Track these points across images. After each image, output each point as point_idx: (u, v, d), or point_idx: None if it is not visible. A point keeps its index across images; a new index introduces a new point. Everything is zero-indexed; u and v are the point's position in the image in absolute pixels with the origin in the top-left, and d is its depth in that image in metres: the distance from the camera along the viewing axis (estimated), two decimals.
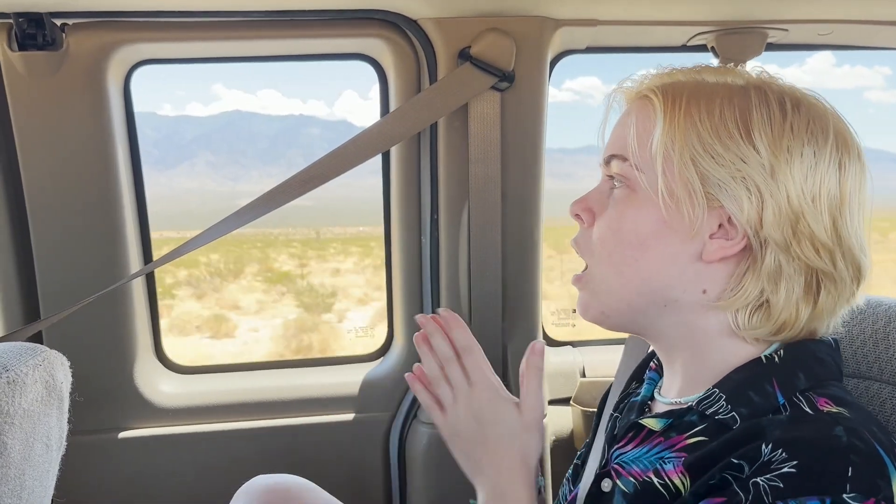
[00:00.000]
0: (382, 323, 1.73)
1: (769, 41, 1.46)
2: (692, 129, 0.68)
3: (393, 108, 1.49)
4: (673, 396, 0.78)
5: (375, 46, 1.46)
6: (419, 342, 0.88)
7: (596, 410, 1.00)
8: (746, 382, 0.69)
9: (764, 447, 0.61)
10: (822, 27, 1.44)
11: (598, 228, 0.75)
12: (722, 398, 0.70)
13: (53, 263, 1.42)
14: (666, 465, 0.70)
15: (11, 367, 0.65)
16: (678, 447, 0.71)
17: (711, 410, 0.70)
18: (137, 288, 1.52)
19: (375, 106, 1.58)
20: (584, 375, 1.65)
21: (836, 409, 0.64)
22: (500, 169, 1.42)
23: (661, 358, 0.81)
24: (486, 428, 0.82)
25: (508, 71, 1.37)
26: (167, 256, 1.29)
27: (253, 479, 1.21)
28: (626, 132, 0.73)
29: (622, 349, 1.05)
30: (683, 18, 1.39)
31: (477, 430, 0.83)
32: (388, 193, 1.60)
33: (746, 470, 0.62)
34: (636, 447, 0.76)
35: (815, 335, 0.72)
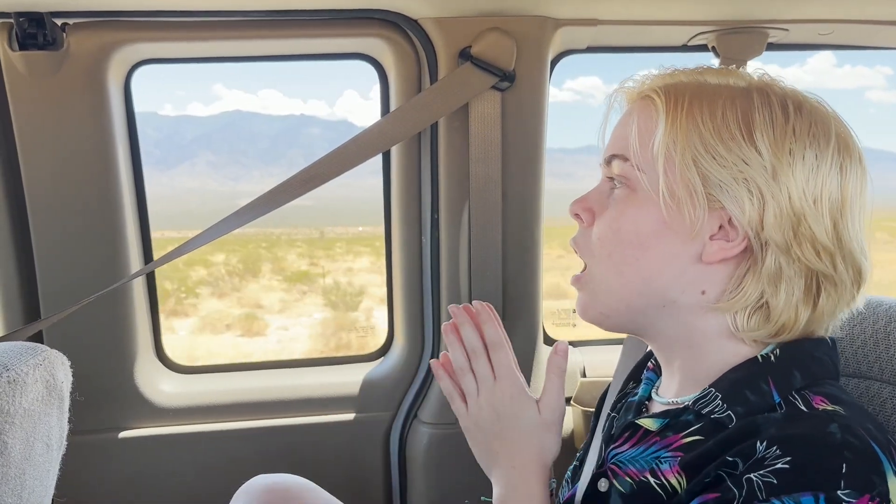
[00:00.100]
0: None
1: (770, 41, 1.46)
2: (694, 129, 0.68)
3: (393, 107, 1.49)
4: (670, 396, 0.78)
5: (376, 46, 1.46)
6: (448, 331, 0.87)
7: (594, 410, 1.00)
8: (742, 381, 0.69)
9: (759, 444, 0.61)
10: (822, 27, 1.44)
11: (597, 228, 0.75)
12: (718, 397, 0.70)
13: (54, 263, 1.42)
14: (662, 464, 0.71)
15: (12, 366, 0.65)
16: (674, 447, 0.71)
17: (707, 410, 0.70)
18: (138, 288, 1.52)
19: (376, 106, 1.58)
20: (584, 375, 1.65)
21: (831, 406, 0.64)
22: (500, 169, 1.42)
23: (659, 358, 0.81)
24: (506, 422, 0.83)
25: (509, 71, 1.37)
26: (167, 256, 1.29)
27: (253, 478, 1.22)
28: (627, 132, 0.73)
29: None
30: (684, 18, 1.39)
31: (497, 423, 0.83)
32: (388, 193, 1.60)
33: (740, 466, 0.62)
34: (633, 447, 0.76)
35: (813, 336, 0.72)
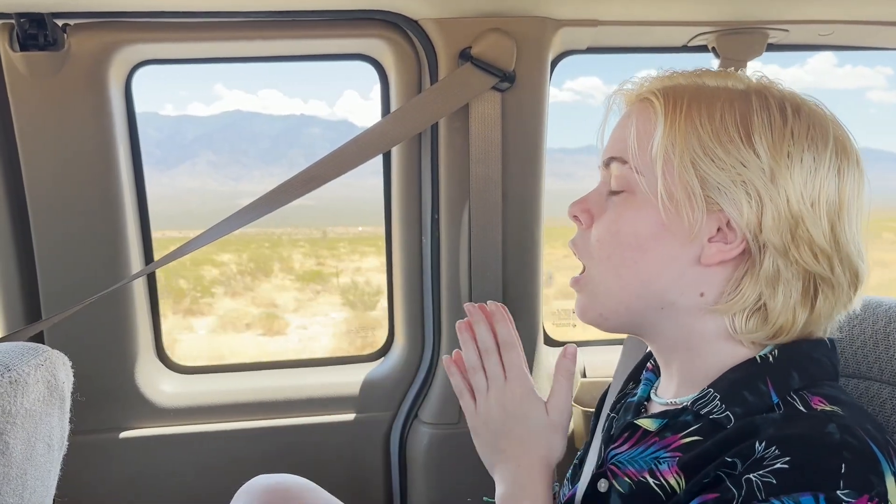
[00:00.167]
0: None
1: (770, 42, 1.46)
2: (693, 132, 0.68)
3: (394, 108, 1.49)
4: (669, 397, 0.78)
5: (376, 47, 1.46)
6: (462, 329, 0.88)
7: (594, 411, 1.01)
8: (741, 382, 0.70)
9: (757, 445, 0.62)
10: (822, 27, 1.43)
11: (596, 230, 0.75)
12: (716, 398, 0.70)
13: (55, 263, 1.42)
14: (661, 465, 0.71)
15: (13, 366, 0.65)
16: (673, 447, 0.71)
17: (706, 410, 0.70)
18: (139, 288, 1.53)
19: (376, 106, 1.58)
20: (584, 376, 1.65)
21: (829, 407, 0.65)
22: (500, 169, 1.42)
23: (657, 359, 0.82)
24: (514, 421, 0.83)
25: (509, 71, 1.37)
26: (168, 256, 1.29)
27: (253, 478, 1.21)
28: (626, 134, 0.73)
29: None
30: (684, 19, 1.39)
31: (504, 422, 0.83)
32: (388, 193, 1.60)
33: (739, 467, 0.62)
34: (631, 448, 0.76)
35: (811, 337, 0.72)
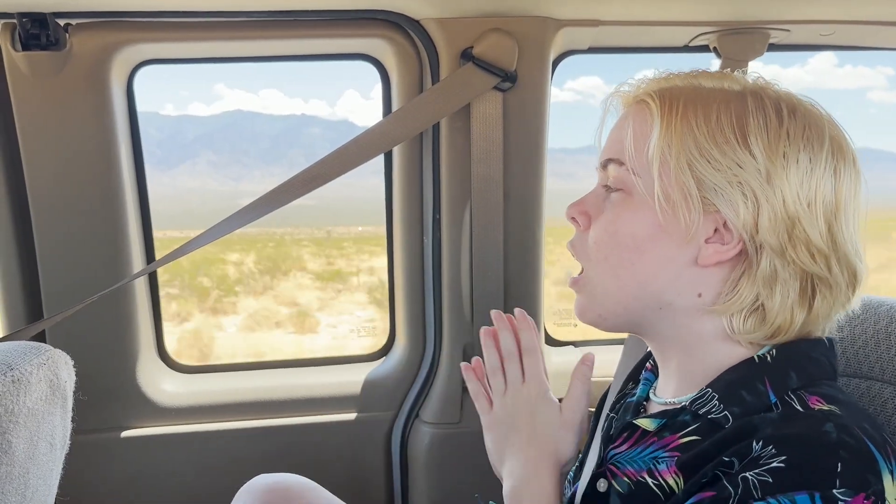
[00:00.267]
0: None
1: (771, 42, 1.46)
2: (689, 133, 0.68)
3: (395, 108, 1.49)
4: (667, 397, 0.78)
5: (378, 47, 1.46)
6: (486, 334, 0.93)
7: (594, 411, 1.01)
8: (739, 382, 0.70)
9: (755, 444, 0.62)
10: (823, 28, 1.43)
11: (594, 232, 0.76)
12: (715, 398, 0.70)
13: (57, 262, 1.43)
14: (659, 465, 0.71)
15: (16, 365, 0.65)
16: (671, 447, 0.71)
17: (704, 410, 0.70)
18: (140, 287, 1.53)
19: (377, 106, 1.58)
20: None
21: (827, 406, 0.65)
22: (502, 169, 1.42)
23: (656, 358, 0.82)
24: (527, 417, 0.87)
25: (511, 71, 1.37)
26: (169, 256, 1.29)
27: (254, 478, 1.22)
28: (623, 136, 0.73)
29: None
30: (685, 19, 1.40)
31: (518, 419, 0.87)
32: (390, 193, 1.60)
33: (736, 466, 0.62)
34: (630, 447, 0.76)
35: (809, 337, 0.72)
